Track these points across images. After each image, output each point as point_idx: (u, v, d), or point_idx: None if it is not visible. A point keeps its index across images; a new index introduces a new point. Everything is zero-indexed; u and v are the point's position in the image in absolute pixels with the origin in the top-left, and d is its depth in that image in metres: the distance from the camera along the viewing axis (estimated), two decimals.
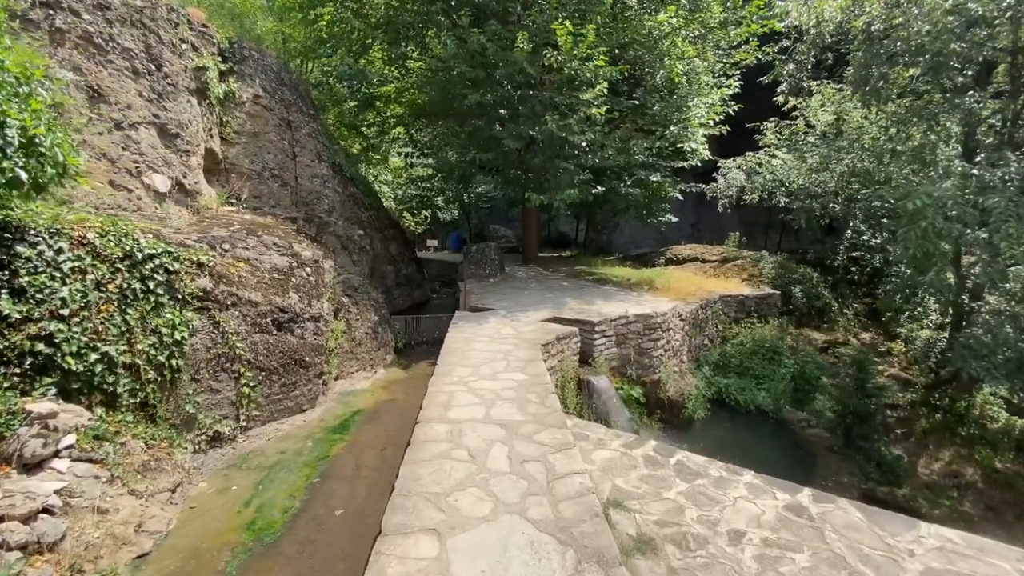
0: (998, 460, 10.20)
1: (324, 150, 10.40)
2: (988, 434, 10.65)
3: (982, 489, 10.09)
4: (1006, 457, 10.28)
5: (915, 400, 11.42)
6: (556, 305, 9.83)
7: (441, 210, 27.94)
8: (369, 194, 12.14)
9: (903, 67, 7.74)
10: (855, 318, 14.32)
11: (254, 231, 6.77)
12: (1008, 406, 11.15)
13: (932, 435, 11.03)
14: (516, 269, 15.32)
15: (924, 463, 10.70)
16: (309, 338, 6.60)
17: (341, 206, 10.42)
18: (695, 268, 16.07)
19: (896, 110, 8.68)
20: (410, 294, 13.75)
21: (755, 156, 16.89)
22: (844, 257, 14.86)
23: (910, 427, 11.29)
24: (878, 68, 7.75)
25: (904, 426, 11.33)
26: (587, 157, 11.01)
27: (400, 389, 7.42)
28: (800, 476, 7.60)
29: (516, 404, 4.79)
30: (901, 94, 8.46)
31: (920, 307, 12.95)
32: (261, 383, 5.94)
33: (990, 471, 10.07)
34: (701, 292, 12.62)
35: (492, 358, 6.37)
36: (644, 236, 30.58)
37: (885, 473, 9.44)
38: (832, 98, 13.56)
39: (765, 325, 12.81)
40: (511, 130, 10.59)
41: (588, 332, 8.36)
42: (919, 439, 11.13)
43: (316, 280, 7.14)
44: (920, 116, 8.29)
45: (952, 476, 10.25)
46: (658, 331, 9.02)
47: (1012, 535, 8.89)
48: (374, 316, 8.39)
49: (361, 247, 10.68)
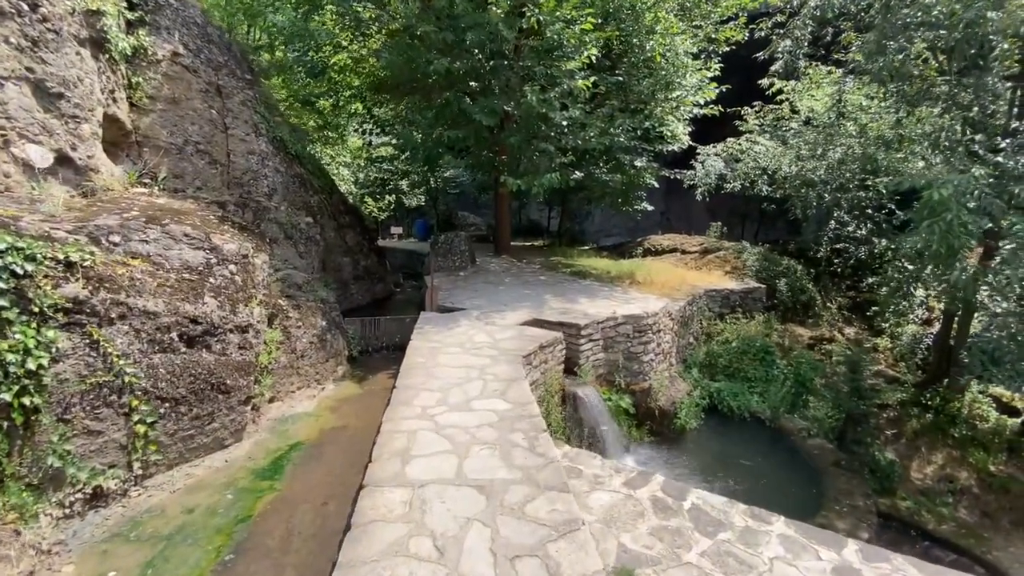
0: (991, 462, 9.81)
1: (263, 122, 8.85)
2: (979, 435, 10.25)
3: (977, 494, 9.67)
4: (999, 459, 9.89)
5: (905, 400, 10.95)
6: (535, 304, 8.71)
7: (406, 195, 26.29)
8: (320, 175, 10.64)
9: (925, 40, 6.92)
10: (839, 312, 13.84)
11: (158, 218, 5.32)
12: (998, 405, 10.82)
13: (923, 436, 10.57)
14: (488, 261, 14.11)
15: (917, 467, 10.23)
16: (233, 354, 5.25)
17: (284, 188, 8.93)
18: (675, 259, 15.27)
19: (907, 90, 7.92)
20: (370, 289, 12.35)
21: (736, 142, 16.12)
22: (827, 249, 14.31)
23: (901, 428, 10.82)
24: (897, 40, 6.90)
25: (894, 427, 10.85)
26: (568, 138, 9.86)
27: (352, 411, 6.16)
28: (809, 499, 6.82)
29: (498, 451, 3.65)
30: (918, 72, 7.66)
31: (906, 302, 12.48)
32: (164, 417, 4.58)
33: (984, 474, 9.65)
34: (685, 286, 11.80)
35: (465, 377, 5.20)
36: (614, 224, 29.79)
37: (879, 479, 8.86)
38: (821, 80, 12.81)
39: (750, 321, 12.12)
40: (483, 104, 9.31)
41: (574, 337, 7.29)
42: (910, 441, 10.66)
43: (244, 280, 5.76)
44: (936, 98, 7.54)
45: (946, 480, 9.80)
46: (648, 333, 8.05)
47: (1010, 542, 8.46)
48: (322, 320, 7.05)
49: (309, 236, 9.23)
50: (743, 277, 13.41)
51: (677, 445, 7.95)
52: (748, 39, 13.97)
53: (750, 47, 14.70)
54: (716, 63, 13.35)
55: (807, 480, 7.23)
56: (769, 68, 12.11)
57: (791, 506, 6.51)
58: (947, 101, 7.42)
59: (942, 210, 6.47)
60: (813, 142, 12.40)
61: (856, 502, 6.49)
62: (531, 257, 15.60)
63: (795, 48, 10.14)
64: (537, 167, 10.01)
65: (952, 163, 6.73)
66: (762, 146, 15.25)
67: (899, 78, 7.63)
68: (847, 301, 14.02)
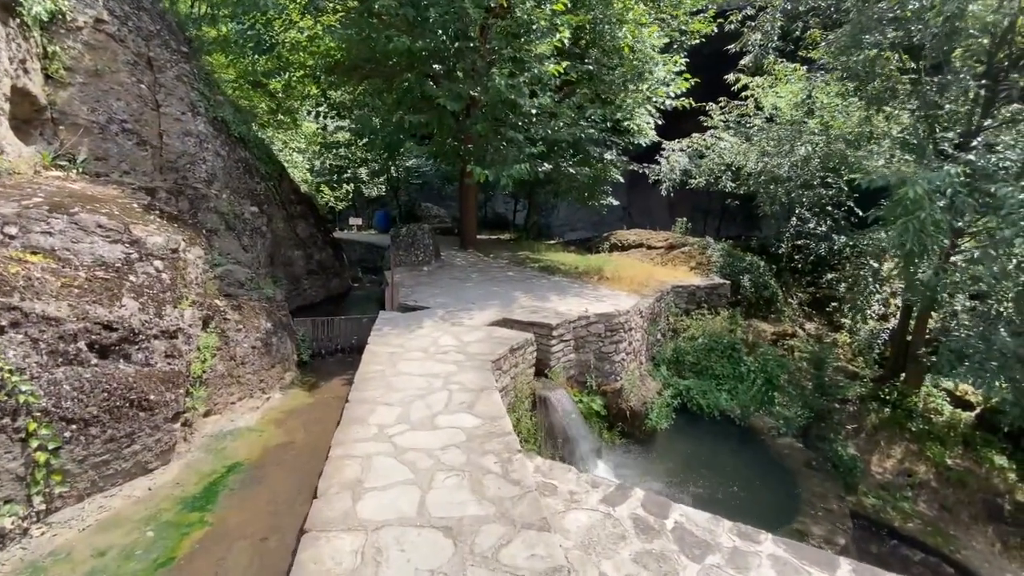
0: (948, 456, 10.11)
1: (202, 101, 7.97)
2: (935, 429, 10.57)
3: (935, 488, 9.94)
4: (955, 452, 10.22)
5: (864, 395, 11.18)
6: (504, 302, 8.26)
7: (366, 184, 25.23)
8: (268, 161, 9.79)
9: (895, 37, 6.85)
10: (800, 308, 14.06)
11: (66, 206, 4.54)
12: (951, 399, 11.20)
13: (882, 431, 10.82)
14: (453, 255, 13.54)
15: (877, 461, 10.45)
16: (158, 365, 4.56)
17: (226, 174, 8.10)
18: (641, 255, 15.15)
19: (876, 87, 7.90)
20: (325, 284, 11.58)
21: (701, 138, 16.11)
22: (789, 245, 14.51)
23: (860, 423, 11.04)
24: (872, 35, 6.81)
25: (854, 422, 11.06)
26: (537, 128, 9.40)
27: (300, 424, 5.55)
28: (784, 503, 6.70)
29: (467, 479, 3.19)
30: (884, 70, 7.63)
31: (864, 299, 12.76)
32: (71, 442, 3.88)
33: (942, 468, 9.93)
34: (653, 282, 11.63)
35: (428, 387, 4.70)
36: (578, 219, 29.71)
37: (842, 474, 8.95)
38: (787, 76, 12.85)
39: (715, 317, 12.10)
40: (447, 88, 8.72)
41: (545, 338, 6.90)
42: (870, 435, 10.90)
43: (173, 278, 5.04)
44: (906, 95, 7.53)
45: (905, 475, 10.03)
46: (620, 332, 7.75)
47: (971, 536, 8.71)
48: (266, 322, 6.36)
49: (254, 228, 8.44)
50: (708, 273, 13.40)
51: (649, 447, 7.72)
52: (715, 34, 13.91)
53: (716, 42, 14.66)
54: (682, 57, 13.18)
55: (780, 482, 7.14)
56: (736, 64, 12.03)
57: (767, 512, 6.38)
58: (915, 99, 7.41)
59: (916, 208, 6.42)
60: (778, 139, 12.42)
61: (830, 505, 6.42)
62: (498, 251, 15.14)
63: (765, 42, 10.03)
64: (505, 157, 9.52)
65: (924, 162, 6.73)
66: (727, 142, 15.29)
67: (870, 75, 7.58)
68: (807, 297, 14.28)
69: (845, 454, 9.30)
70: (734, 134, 15.55)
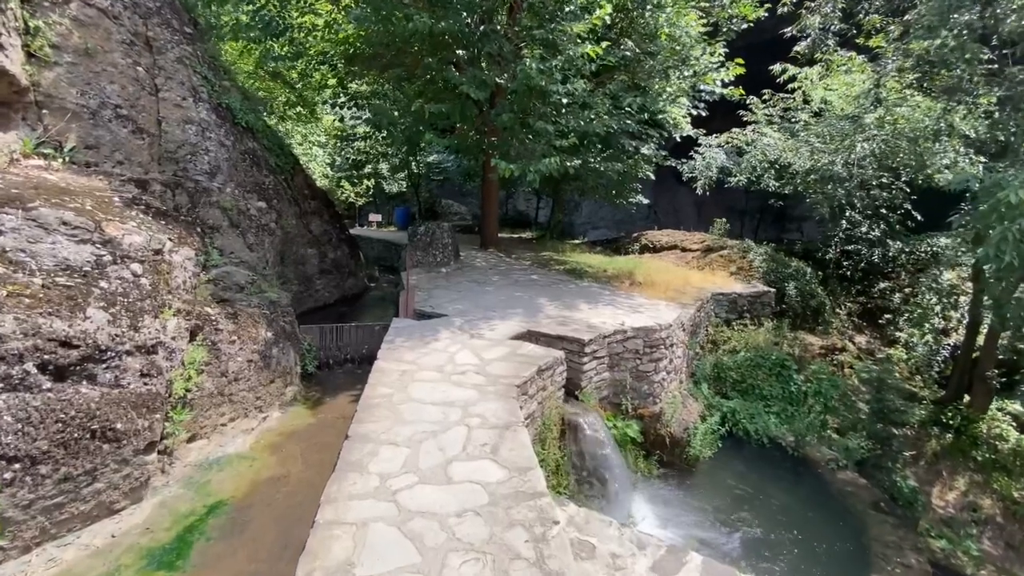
0: (1015, 488, 8.98)
1: (205, 86, 7.36)
2: (1001, 458, 9.43)
3: (1001, 523, 8.85)
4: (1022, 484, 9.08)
5: (924, 419, 10.05)
6: (529, 310, 7.46)
7: (387, 180, 24.67)
8: (280, 153, 9.17)
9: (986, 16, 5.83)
10: (849, 319, 12.91)
11: (25, 200, 3.90)
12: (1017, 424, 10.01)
13: (945, 459, 9.69)
14: (474, 255, 12.80)
15: (938, 493, 9.32)
16: (131, 385, 3.90)
17: (231, 166, 7.48)
18: (675, 258, 14.16)
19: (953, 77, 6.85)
20: (339, 284, 10.96)
21: (742, 133, 15.00)
22: (837, 250, 13.35)
23: (919, 449, 9.93)
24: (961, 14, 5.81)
25: (913, 448, 9.97)
26: (568, 118, 8.56)
27: (299, 450, 4.85)
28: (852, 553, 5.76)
29: (490, 567, 2.41)
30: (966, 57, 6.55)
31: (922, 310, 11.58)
32: (15, 484, 3.23)
33: (1009, 501, 8.82)
34: (690, 289, 10.70)
35: (443, 420, 3.94)
36: (600, 217, 28.73)
37: (902, 507, 7.92)
38: (842, 66, 11.70)
39: (759, 328, 11.11)
40: (472, 76, 7.94)
41: (576, 355, 6.08)
42: (930, 464, 9.76)
43: (154, 283, 4.38)
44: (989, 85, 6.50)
45: (969, 509, 8.94)
46: (661, 348, 6.88)
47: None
48: (266, 331, 5.68)
49: (261, 224, 7.81)
50: (750, 279, 12.37)
51: (691, 479, 6.84)
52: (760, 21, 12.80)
53: (755, 33, 13.53)
54: (721, 46, 12.11)
55: (843, 526, 6.20)
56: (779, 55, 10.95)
57: (833, 564, 5.46)
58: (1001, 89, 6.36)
59: (1017, 215, 5.40)
60: (831, 134, 11.32)
61: (907, 559, 5.47)
62: (520, 252, 14.35)
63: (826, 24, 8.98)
64: (532, 151, 8.70)
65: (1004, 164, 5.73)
66: (770, 138, 14.17)
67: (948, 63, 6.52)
68: (857, 307, 13.10)
69: (905, 486, 8.26)
70: (777, 129, 14.43)
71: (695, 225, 20.70)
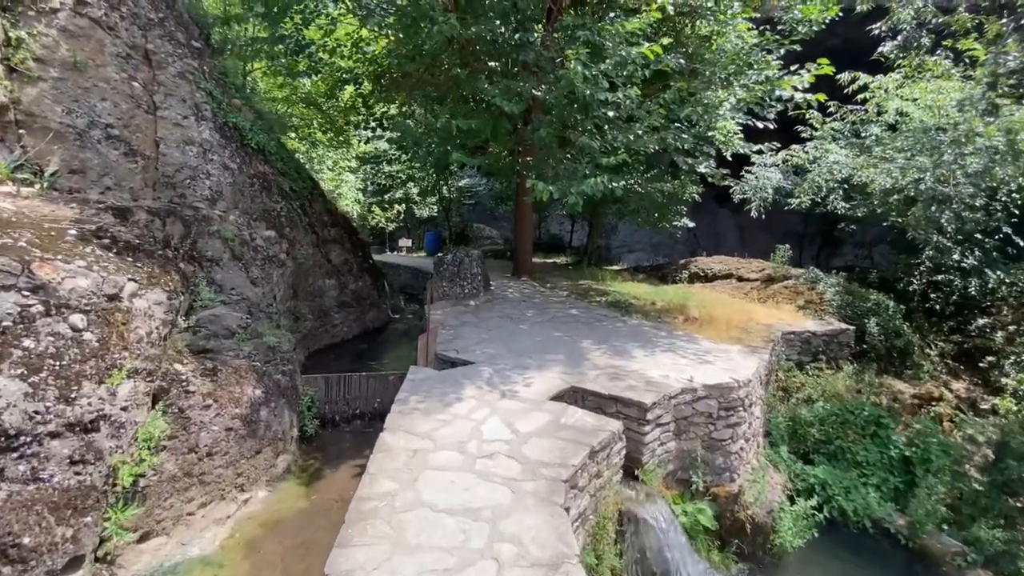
0: None
1: (209, 103, 6.64)
2: None
3: None
4: None
5: None
6: (571, 356, 6.26)
7: (417, 205, 24.13)
8: (296, 176, 8.41)
9: None
10: (941, 361, 11.07)
11: None
12: None
13: None
14: (505, 284, 11.72)
15: None
16: (56, 479, 2.93)
17: (235, 192, 6.69)
18: (731, 288, 12.69)
19: None
20: (359, 318, 10.05)
21: (802, 150, 13.54)
22: (923, 280, 11.60)
23: None
24: None
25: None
26: (613, 133, 7.45)
27: (280, 553, 3.75)
28: None
29: None
30: None
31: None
32: None
33: None
34: (756, 327, 9.26)
35: (461, 547, 2.77)
36: (636, 240, 27.35)
37: None
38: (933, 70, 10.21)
39: (837, 372, 9.53)
40: (505, 86, 6.98)
41: (635, 422, 4.83)
42: None
43: (103, 338, 3.43)
44: None
45: None
46: (739, 410, 5.53)
47: None
48: (255, 389, 4.68)
49: (269, 256, 6.95)
50: (822, 314, 10.79)
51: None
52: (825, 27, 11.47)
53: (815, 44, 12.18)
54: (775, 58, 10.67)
55: None
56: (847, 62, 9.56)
57: None
58: None
59: None
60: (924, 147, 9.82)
61: None
62: (556, 280, 13.17)
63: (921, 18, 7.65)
64: (572, 171, 7.61)
65: None
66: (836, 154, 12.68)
67: None
68: (951, 347, 11.24)
69: None
70: (844, 145, 12.94)
71: (737, 250, 19.11)
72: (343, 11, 8.94)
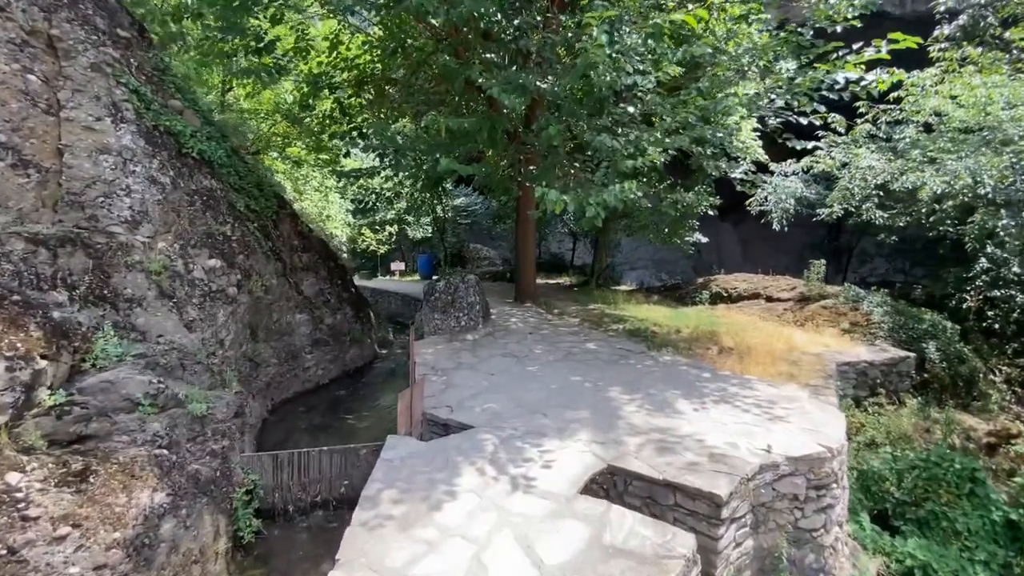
0: None
1: (132, 101, 5.31)
2: None
3: None
4: None
5: None
6: (599, 414, 4.82)
7: (411, 226, 22.83)
8: (257, 195, 7.05)
9: None
10: (1008, 390, 9.65)
11: None
12: None
13: None
14: (507, 312, 10.31)
15: None
16: None
17: (167, 212, 5.31)
18: (760, 310, 11.30)
19: None
20: (337, 357, 8.60)
21: (827, 155, 12.32)
22: (978, 297, 10.27)
23: None
24: None
25: None
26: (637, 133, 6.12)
27: None
28: None
29: None
30: None
31: None
32: None
33: None
34: (804, 357, 7.89)
35: None
36: (638, 256, 26.09)
37: None
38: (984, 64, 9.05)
39: (900, 408, 8.11)
40: (504, 77, 5.70)
41: (706, 523, 3.39)
42: None
43: None
44: None
45: None
46: (833, 487, 4.10)
47: None
48: (154, 493, 3.19)
49: (212, 292, 5.55)
50: (872, 339, 9.37)
51: None
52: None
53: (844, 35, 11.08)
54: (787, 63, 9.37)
55: None
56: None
57: None
58: None
59: None
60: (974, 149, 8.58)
61: None
62: (563, 304, 11.77)
63: None
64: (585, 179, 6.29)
65: None
66: (867, 159, 11.47)
67: None
68: (1018, 373, 9.83)
69: None
70: (875, 148, 11.74)
71: (740, 265, 17.82)
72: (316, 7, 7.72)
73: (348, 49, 9.64)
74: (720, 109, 6.66)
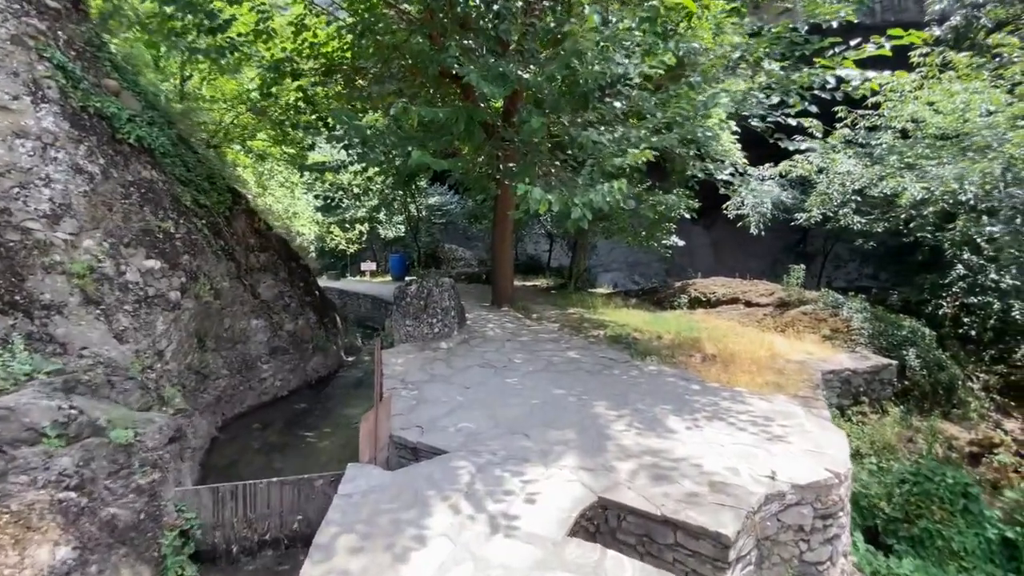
0: None
1: (57, 79, 4.62)
2: None
3: None
4: None
5: None
6: (585, 433, 4.39)
7: (383, 224, 22.06)
8: (207, 188, 6.37)
9: None
10: (987, 397, 9.68)
11: None
12: None
13: None
14: (484, 317, 9.82)
15: None
16: None
17: (95, 206, 4.65)
18: (739, 315, 11.12)
19: None
20: (298, 366, 7.95)
21: (805, 160, 12.27)
22: (954, 303, 10.31)
23: None
24: None
25: None
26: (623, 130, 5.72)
27: None
28: None
29: None
30: None
31: None
32: None
33: None
34: (787, 365, 7.69)
35: None
36: (613, 259, 25.98)
37: None
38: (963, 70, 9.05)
39: (883, 417, 7.99)
40: (484, 64, 5.22)
41: (711, 565, 2.98)
42: None
43: None
44: None
45: None
46: (839, 516, 3.78)
47: None
48: (55, 547, 2.55)
49: (149, 296, 4.90)
50: (854, 346, 9.26)
51: None
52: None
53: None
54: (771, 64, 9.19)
55: None
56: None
57: None
58: None
59: None
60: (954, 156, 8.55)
61: None
62: (541, 308, 11.36)
63: None
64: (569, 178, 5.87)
65: None
66: (845, 164, 11.46)
67: None
68: (996, 380, 9.89)
69: None
70: (851, 154, 11.74)
71: (712, 269, 17.83)
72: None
73: (314, 35, 9.01)
74: (711, 105, 6.37)
